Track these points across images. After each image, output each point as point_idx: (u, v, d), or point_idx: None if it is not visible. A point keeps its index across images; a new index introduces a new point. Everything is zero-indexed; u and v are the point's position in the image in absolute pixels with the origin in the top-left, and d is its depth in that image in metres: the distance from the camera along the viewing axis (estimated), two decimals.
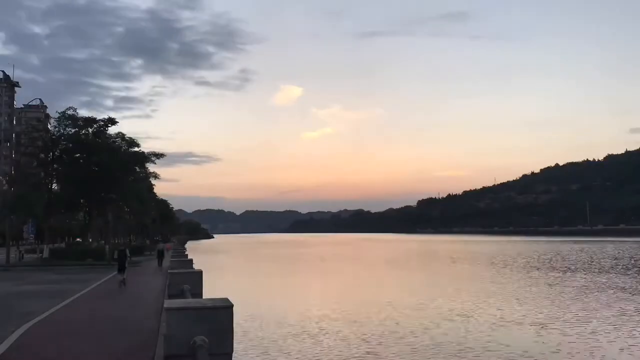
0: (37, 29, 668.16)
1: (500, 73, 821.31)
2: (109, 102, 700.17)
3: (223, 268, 56.39)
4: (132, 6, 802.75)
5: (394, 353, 15.73)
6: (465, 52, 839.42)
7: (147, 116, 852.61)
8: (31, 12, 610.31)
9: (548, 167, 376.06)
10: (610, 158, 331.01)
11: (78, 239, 70.56)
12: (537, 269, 47.10)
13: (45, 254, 43.98)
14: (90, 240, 55.58)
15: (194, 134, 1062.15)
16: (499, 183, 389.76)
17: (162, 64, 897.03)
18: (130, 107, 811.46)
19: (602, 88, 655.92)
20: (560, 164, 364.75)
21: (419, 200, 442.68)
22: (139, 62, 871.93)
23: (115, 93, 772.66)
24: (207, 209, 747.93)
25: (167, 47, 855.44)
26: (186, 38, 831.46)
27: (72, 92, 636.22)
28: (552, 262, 55.78)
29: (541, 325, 19.81)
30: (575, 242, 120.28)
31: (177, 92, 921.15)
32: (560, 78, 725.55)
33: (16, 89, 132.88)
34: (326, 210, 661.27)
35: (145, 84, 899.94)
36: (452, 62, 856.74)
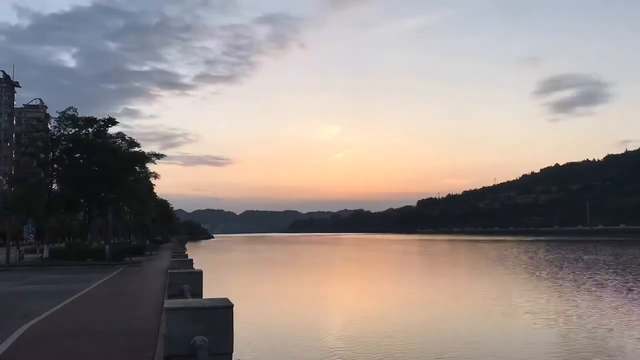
0: (109, 45, 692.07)
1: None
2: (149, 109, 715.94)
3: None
4: (199, 26, 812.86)
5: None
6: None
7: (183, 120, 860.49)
8: (108, 30, 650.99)
9: (548, 167, 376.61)
10: (610, 158, 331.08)
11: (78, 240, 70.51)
12: None
13: (45, 254, 43.97)
14: (90, 239, 55.52)
15: (217, 139, 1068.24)
16: (499, 183, 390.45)
17: (214, 74, 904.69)
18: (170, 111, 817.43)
19: None
20: (560, 164, 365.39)
21: (419, 200, 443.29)
22: (194, 72, 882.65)
23: (163, 101, 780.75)
24: (207, 209, 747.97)
25: (222, 60, 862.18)
26: (244, 52, 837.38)
27: (117, 102, 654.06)
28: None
29: None
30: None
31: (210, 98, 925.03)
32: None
33: (17, 89, 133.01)
34: (326, 210, 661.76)
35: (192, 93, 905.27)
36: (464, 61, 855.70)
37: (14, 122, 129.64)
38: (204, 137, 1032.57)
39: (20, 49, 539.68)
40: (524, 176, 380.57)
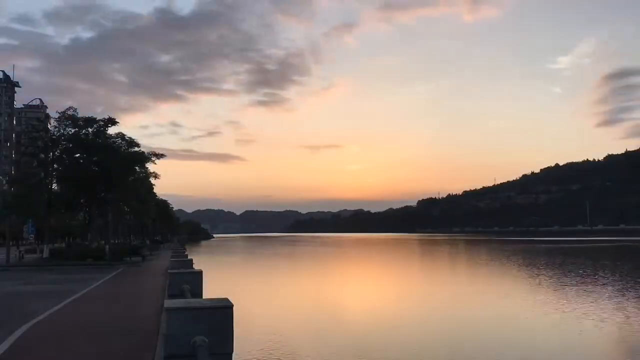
0: (161, 57, 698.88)
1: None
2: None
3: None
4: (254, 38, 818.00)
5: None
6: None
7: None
8: (162, 44, 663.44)
9: (548, 167, 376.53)
10: (610, 158, 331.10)
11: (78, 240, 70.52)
12: None
13: (45, 254, 43.97)
14: (90, 239, 55.57)
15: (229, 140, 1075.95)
16: (499, 183, 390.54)
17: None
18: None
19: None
20: (560, 164, 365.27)
21: (419, 200, 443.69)
22: (232, 78, 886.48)
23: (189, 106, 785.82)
24: (207, 209, 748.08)
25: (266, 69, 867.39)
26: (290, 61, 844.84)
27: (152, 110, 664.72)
28: None
29: None
30: None
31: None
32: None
33: (16, 89, 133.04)
34: (326, 210, 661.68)
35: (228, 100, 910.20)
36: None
37: (14, 122, 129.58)
38: (216, 138, 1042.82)
39: (74, 59, 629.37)
40: (524, 176, 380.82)
